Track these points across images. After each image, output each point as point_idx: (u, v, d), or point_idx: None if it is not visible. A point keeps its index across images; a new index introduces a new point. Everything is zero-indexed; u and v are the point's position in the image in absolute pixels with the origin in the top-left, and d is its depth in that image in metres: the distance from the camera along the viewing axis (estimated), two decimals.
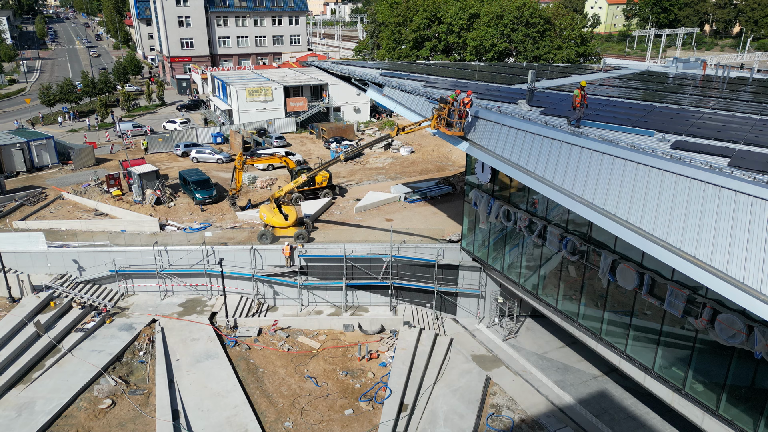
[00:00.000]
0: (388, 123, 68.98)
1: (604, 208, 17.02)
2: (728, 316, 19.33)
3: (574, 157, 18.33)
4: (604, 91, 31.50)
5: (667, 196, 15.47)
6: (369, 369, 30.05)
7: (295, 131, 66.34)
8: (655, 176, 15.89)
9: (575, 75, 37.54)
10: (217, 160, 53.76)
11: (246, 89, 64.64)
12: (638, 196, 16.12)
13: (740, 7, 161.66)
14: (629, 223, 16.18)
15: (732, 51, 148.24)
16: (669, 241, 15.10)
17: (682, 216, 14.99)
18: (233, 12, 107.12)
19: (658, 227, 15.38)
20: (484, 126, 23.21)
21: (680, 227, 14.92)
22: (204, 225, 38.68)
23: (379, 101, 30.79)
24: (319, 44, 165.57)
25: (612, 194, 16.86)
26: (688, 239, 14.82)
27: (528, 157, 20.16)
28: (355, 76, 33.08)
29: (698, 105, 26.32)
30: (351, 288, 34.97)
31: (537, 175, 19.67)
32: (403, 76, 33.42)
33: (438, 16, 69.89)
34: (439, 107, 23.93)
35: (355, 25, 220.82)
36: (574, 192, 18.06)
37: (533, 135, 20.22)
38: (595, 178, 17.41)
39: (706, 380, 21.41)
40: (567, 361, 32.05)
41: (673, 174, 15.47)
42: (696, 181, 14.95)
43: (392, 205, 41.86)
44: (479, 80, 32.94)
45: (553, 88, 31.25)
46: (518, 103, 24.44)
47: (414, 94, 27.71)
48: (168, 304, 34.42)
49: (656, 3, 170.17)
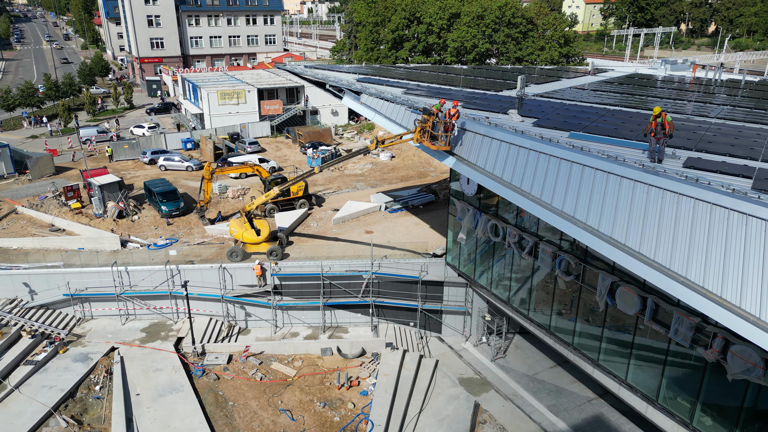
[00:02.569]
0: (367, 126, 66.70)
1: (611, 236, 15.02)
2: (743, 348, 17.50)
3: (575, 176, 16.31)
4: (600, 97, 29.61)
5: (684, 224, 13.52)
6: (349, 398, 27.78)
7: (270, 136, 63.67)
8: (670, 201, 13.94)
9: (563, 79, 35.71)
10: (186, 167, 50.91)
11: (218, 92, 61.75)
12: (650, 224, 14.16)
13: (716, 6, 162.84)
14: (641, 255, 14.20)
15: (709, 50, 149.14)
16: (689, 277, 13.14)
17: (702, 248, 13.04)
18: (205, 11, 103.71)
19: (675, 261, 13.44)
20: (472, 139, 21.08)
21: (701, 261, 12.98)
22: (169, 241, 35.97)
23: (357, 110, 28.49)
24: (295, 44, 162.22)
25: (620, 221, 14.87)
26: (712, 276, 12.88)
27: (522, 176, 18.09)
28: (329, 82, 30.74)
29: (702, 114, 24.53)
30: (329, 308, 32.66)
31: (533, 196, 17.60)
32: (382, 82, 31.19)
33: (417, 15, 67.69)
34: (423, 119, 21.75)
35: (333, 25, 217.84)
36: (576, 217, 16.04)
37: (527, 150, 18.12)
38: (599, 202, 15.42)
39: (717, 414, 19.62)
40: (559, 382, 30.20)
41: (691, 198, 13.53)
42: (718, 207, 13.00)
43: (372, 216, 39.63)
44: (464, 86, 30.83)
45: (544, 94, 29.28)
46: (508, 113, 22.36)
47: (394, 102, 25.48)
48: (129, 329, 31.69)
49: (633, 2, 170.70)
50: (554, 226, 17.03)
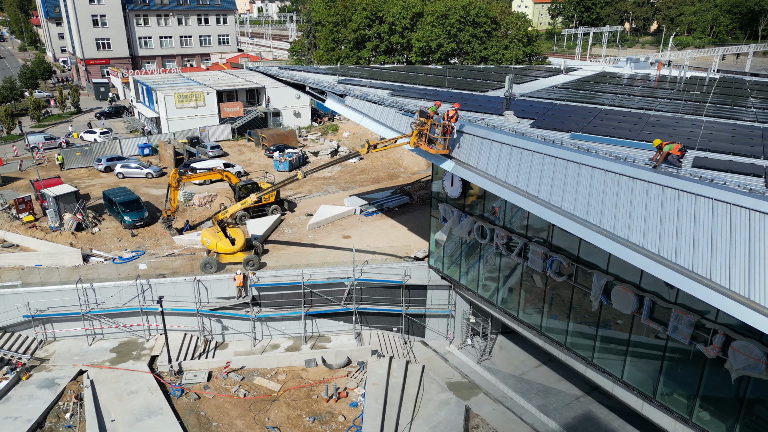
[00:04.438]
0: (331, 128, 65.61)
1: (628, 239, 14.79)
2: (745, 344, 17.69)
3: (584, 178, 16.04)
4: (586, 97, 29.75)
5: (704, 225, 13.39)
6: (339, 411, 26.87)
7: (232, 139, 61.62)
8: (687, 202, 13.80)
9: (540, 78, 35.83)
10: (146, 174, 48.51)
11: (175, 94, 59.24)
12: (669, 226, 13.98)
13: (657, 6, 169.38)
14: (663, 258, 14.00)
15: (653, 48, 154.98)
16: (713, 279, 13.01)
17: (725, 249, 12.93)
18: (154, 10, 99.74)
19: (698, 263, 13.29)
20: (470, 142, 20.57)
21: (725, 263, 12.86)
22: (136, 253, 34.01)
23: (342, 113, 27.53)
24: (247, 44, 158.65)
25: (636, 223, 14.66)
26: (737, 277, 12.77)
27: (528, 179, 17.71)
28: (309, 84, 29.63)
29: (689, 112, 24.88)
30: (310, 317, 31.60)
31: (541, 200, 17.25)
32: (364, 83, 30.33)
33: (379, 15, 66.94)
34: (420, 122, 21.06)
35: (284, 24, 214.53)
36: (589, 220, 15.76)
37: (531, 153, 17.76)
38: (612, 204, 15.17)
39: (716, 409, 19.82)
40: (546, 381, 30.20)
41: (710, 199, 13.42)
42: (739, 207, 12.91)
43: (348, 220, 38.72)
44: (449, 87, 30.37)
45: (529, 94, 29.16)
46: (504, 114, 21.99)
47: (383, 104, 24.70)
48: (98, 349, 29.71)
49: (579, 2, 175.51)
50: (566, 229, 16.72)
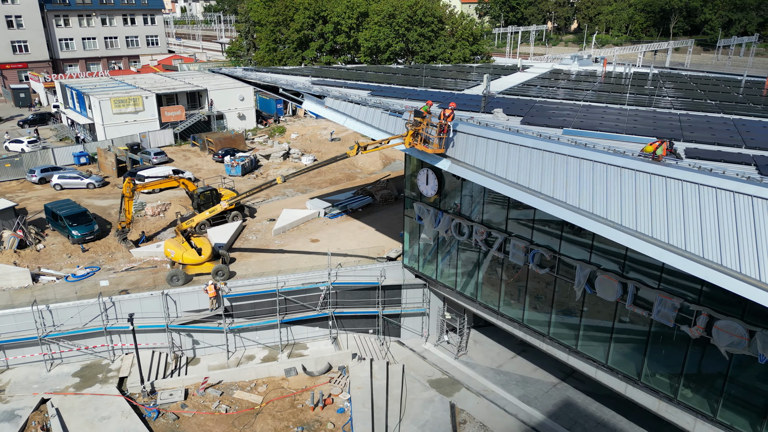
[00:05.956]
0: (278, 129, 64.31)
1: (636, 229, 15.38)
2: (728, 323, 18.79)
3: (586, 172, 16.54)
4: (558, 93, 30.81)
5: (710, 213, 14.13)
6: (327, 418, 26.34)
7: (174, 144, 59.04)
8: (691, 192, 14.53)
9: (503, 76, 36.66)
10: (87, 185, 45.59)
11: (111, 99, 55.99)
12: (675, 216, 14.67)
13: (577, 5, 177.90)
14: (673, 246, 14.66)
15: (575, 46, 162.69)
16: (724, 263, 13.76)
17: (732, 234, 13.71)
18: (75, 10, 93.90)
19: (708, 249, 14.01)
20: (465, 140, 20.70)
21: (733, 247, 13.64)
22: (90, 270, 31.89)
23: (322, 114, 26.85)
24: (174, 45, 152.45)
25: (642, 213, 15.27)
26: (747, 261, 13.56)
27: (529, 175, 18.05)
28: (281, 86, 28.73)
29: (660, 106, 26.33)
30: (285, 324, 30.79)
31: (545, 195, 17.62)
32: (340, 84, 29.86)
33: (322, 15, 66.15)
34: (415, 121, 20.94)
35: (211, 25, 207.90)
36: (595, 213, 16.25)
37: (530, 149, 18.12)
38: (617, 198, 15.74)
39: (699, 386, 21.00)
40: (523, 371, 30.96)
41: (713, 188, 14.20)
42: (744, 195, 13.74)
43: (313, 223, 38.06)
44: (427, 86, 30.51)
45: (505, 92, 29.86)
46: (493, 112, 22.29)
47: (366, 105, 24.33)
48: (58, 375, 27.58)
49: (505, 2, 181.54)
50: (574, 223, 17.18)
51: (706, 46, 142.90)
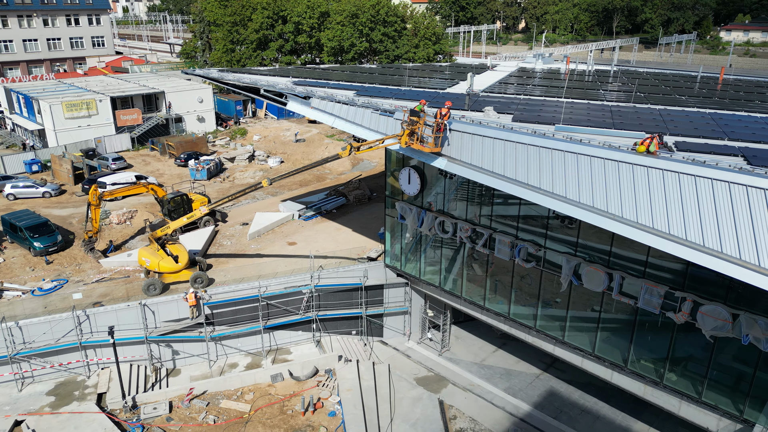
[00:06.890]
0: (239, 131, 63.04)
1: (637, 221, 15.92)
2: (712, 308, 19.67)
3: (584, 167, 17.00)
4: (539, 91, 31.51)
5: (707, 203, 14.80)
6: (318, 423, 26.03)
7: (132, 149, 56.94)
8: (688, 183, 15.19)
9: (476, 75, 37.13)
10: (43, 194, 43.38)
11: (63, 103, 53.40)
12: (674, 206, 15.28)
13: (524, 5, 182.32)
14: (673, 236, 15.26)
15: (524, 44, 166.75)
16: (724, 251, 14.44)
17: (730, 223, 14.39)
18: (14, 10, 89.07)
19: (708, 238, 14.65)
20: (460, 138, 20.86)
21: (732, 235, 14.33)
22: (58, 283, 30.39)
23: (309, 115, 26.42)
24: (119, 46, 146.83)
25: (642, 205, 15.82)
26: (746, 248, 14.26)
27: (527, 171, 18.37)
28: (263, 87, 28.07)
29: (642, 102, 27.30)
30: (268, 330, 30.24)
31: (544, 190, 17.97)
32: (321, 84, 29.51)
33: (282, 14, 65.15)
34: (411, 121, 20.92)
35: (156, 25, 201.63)
36: (595, 206, 16.72)
37: (526, 146, 18.45)
38: (616, 191, 16.25)
39: (684, 369, 21.92)
40: (506, 364, 31.53)
41: (709, 179, 14.88)
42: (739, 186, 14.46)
43: (288, 226, 37.52)
44: (410, 85, 30.56)
45: (486, 91, 30.30)
46: (484, 110, 22.52)
47: (355, 105, 24.11)
48: (31, 395, 26.15)
49: (455, 2, 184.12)
50: (576, 216, 17.59)
51: (648, 44, 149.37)
